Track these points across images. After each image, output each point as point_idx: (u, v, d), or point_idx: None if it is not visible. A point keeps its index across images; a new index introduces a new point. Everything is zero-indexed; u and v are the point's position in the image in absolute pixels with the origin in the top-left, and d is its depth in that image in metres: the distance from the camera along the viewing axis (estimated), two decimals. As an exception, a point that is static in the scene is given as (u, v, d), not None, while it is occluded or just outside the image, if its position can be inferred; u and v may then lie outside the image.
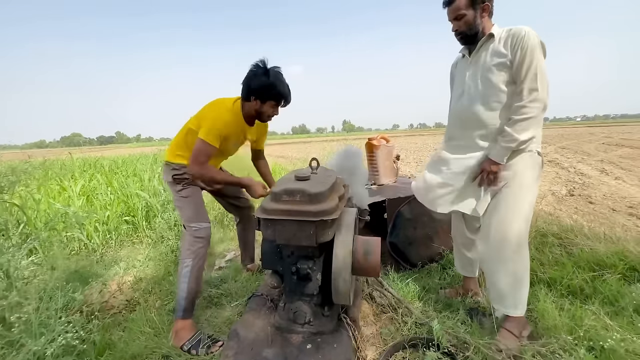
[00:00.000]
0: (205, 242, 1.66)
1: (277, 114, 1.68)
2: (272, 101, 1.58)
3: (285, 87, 1.57)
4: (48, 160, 6.08)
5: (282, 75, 1.57)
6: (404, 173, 7.25)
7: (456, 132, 1.60)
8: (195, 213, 1.67)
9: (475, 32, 1.45)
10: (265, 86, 1.52)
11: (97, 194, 3.79)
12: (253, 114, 1.63)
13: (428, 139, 29.62)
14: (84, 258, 2.71)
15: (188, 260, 1.60)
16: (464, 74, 1.55)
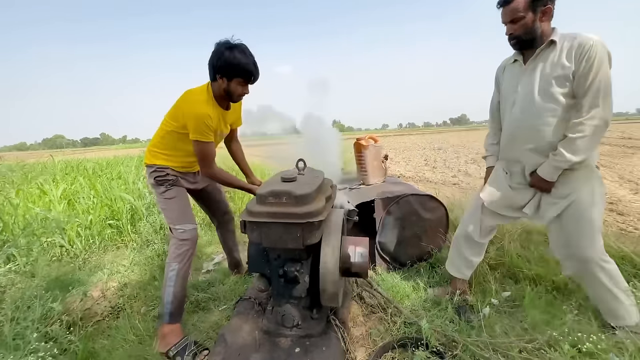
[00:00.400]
0: (191, 244, 1.62)
1: (248, 93, 1.60)
2: (239, 78, 1.50)
3: (251, 63, 1.49)
4: (27, 163, 5.87)
5: (247, 50, 1.49)
6: (393, 172, 7.30)
7: (507, 144, 1.54)
8: (181, 215, 1.63)
9: (533, 38, 1.34)
10: (229, 63, 1.45)
11: (79, 197, 3.67)
12: (223, 94, 1.56)
13: (417, 138, 29.99)
14: (66, 264, 2.62)
15: (174, 264, 1.56)
16: (515, 82, 1.45)
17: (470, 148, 13.91)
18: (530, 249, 2.11)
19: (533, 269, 1.92)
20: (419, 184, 6.00)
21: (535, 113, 1.36)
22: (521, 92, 1.41)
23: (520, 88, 1.42)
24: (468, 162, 8.83)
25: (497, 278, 1.97)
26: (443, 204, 2.22)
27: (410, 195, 2.13)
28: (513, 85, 1.46)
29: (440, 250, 2.24)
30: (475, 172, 7.02)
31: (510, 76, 1.51)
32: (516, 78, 1.45)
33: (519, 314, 1.60)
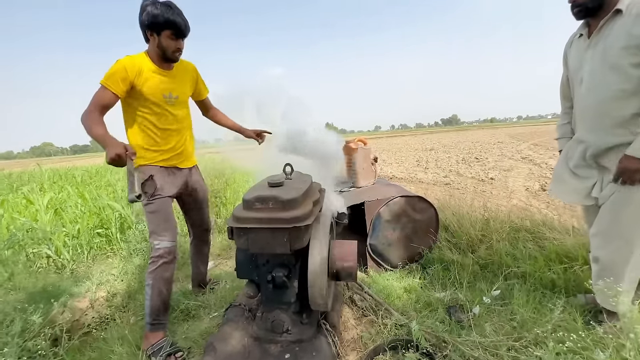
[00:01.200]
0: (165, 260, 1.57)
1: (182, 47, 1.56)
2: (167, 30, 1.46)
3: (177, 15, 1.46)
4: (13, 172, 5.75)
5: (173, 4, 1.47)
6: (385, 174, 7.34)
7: (576, 124, 1.45)
8: (160, 229, 1.58)
9: (599, 4, 1.24)
10: (154, 16, 1.43)
11: (66, 206, 3.60)
12: (158, 52, 1.51)
13: (409, 139, 30.26)
14: (52, 275, 2.56)
15: (149, 279, 1.56)
16: (581, 57, 1.35)
17: (461, 148, 14.10)
18: (518, 247, 2.14)
19: (522, 267, 1.95)
20: (411, 184, 6.04)
21: (602, 89, 1.26)
22: (587, 68, 1.32)
23: (585, 63, 1.32)
24: (459, 162, 8.94)
25: (487, 277, 1.99)
26: (432, 205, 2.24)
27: (400, 196, 2.14)
28: (579, 60, 1.37)
29: (431, 251, 2.26)
30: (466, 171, 7.11)
31: (576, 52, 1.40)
32: (581, 53, 1.35)
33: (508, 312, 1.61)
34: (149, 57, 1.53)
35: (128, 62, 1.44)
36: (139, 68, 1.46)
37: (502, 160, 8.67)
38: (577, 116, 1.45)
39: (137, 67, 1.46)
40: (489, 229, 2.36)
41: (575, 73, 1.42)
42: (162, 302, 1.58)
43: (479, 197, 4.33)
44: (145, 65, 1.49)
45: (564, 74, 1.57)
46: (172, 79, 1.61)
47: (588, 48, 1.33)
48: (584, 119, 1.39)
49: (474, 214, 2.62)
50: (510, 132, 28.09)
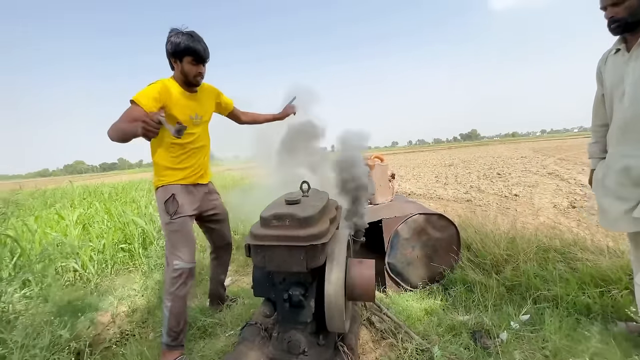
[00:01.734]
0: (183, 281, 1.60)
1: (203, 72, 1.66)
2: (189, 57, 1.57)
3: (197, 42, 1.58)
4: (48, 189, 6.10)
5: (195, 33, 1.60)
6: (403, 190, 7.23)
7: (615, 139, 1.40)
8: (178, 248, 1.61)
9: (638, 20, 1.25)
10: (176, 44, 1.55)
11: (93, 222, 3.76)
12: (182, 77, 1.62)
13: (427, 155, 29.83)
14: (78, 289, 2.66)
15: (167, 301, 1.59)
16: (621, 72, 1.34)
17: (482, 163, 13.72)
18: (547, 268, 2.01)
19: (553, 290, 1.83)
20: (430, 201, 5.90)
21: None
22: (629, 81, 1.30)
23: (627, 77, 1.30)
24: (480, 178, 8.68)
25: (515, 300, 1.88)
26: (453, 223, 2.17)
27: (419, 214, 2.09)
28: (618, 75, 1.35)
29: (453, 271, 2.17)
30: (488, 187, 6.88)
31: (613, 67, 1.39)
32: (621, 67, 1.34)
33: (539, 338, 1.50)
34: (175, 81, 1.64)
35: (160, 85, 1.54)
36: (169, 91, 1.56)
37: (526, 176, 8.34)
38: (617, 131, 1.39)
39: (168, 90, 1.56)
40: (515, 248, 2.24)
41: (614, 88, 1.38)
42: (180, 322, 1.60)
43: (502, 215, 4.16)
44: (174, 89, 1.60)
45: (598, 91, 1.52)
46: (197, 101, 1.71)
47: (629, 61, 1.30)
48: (626, 132, 1.33)
49: (498, 232, 2.52)
50: (534, 147, 27.14)
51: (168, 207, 1.61)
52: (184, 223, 1.65)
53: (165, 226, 1.64)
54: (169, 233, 1.63)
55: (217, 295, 2.12)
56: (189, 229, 1.68)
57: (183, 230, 1.64)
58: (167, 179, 1.64)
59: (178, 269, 1.59)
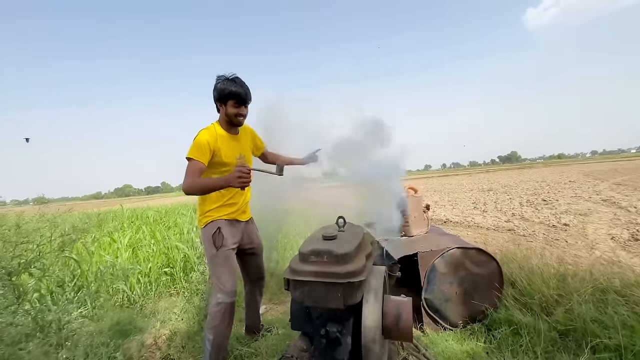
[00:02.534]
0: (223, 316, 1.69)
1: (245, 113, 1.78)
2: (231, 100, 1.70)
3: (239, 86, 1.70)
4: (101, 212, 6.70)
5: (237, 79, 1.73)
6: (437, 217, 6.97)
7: None
8: (222, 282, 1.71)
9: None
10: (221, 90, 1.69)
11: (141, 245, 4.06)
12: (226, 119, 1.75)
13: (463, 179, 28.59)
14: (126, 309, 2.84)
15: (209, 335, 1.69)
16: None
17: (525, 188, 12.87)
18: (607, 312, 1.82)
19: (615, 338, 1.65)
20: (468, 230, 5.62)
21: None
22: None
23: None
24: (523, 205, 8.13)
25: (569, 347, 1.72)
26: (494, 258, 2.07)
27: (457, 247, 2.03)
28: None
29: (497, 310, 2.04)
30: (532, 215, 6.42)
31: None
32: None
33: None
34: (220, 125, 1.79)
35: (206, 135, 1.68)
36: (214, 137, 1.69)
37: (576, 203, 7.67)
38: None
39: (214, 137, 1.69)
40: (567, 287, 2.07)
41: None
42: (220, 354, 1.68)
43: (550, 247, 3.85)
44: (218, 134, 1.73)
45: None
46: (239, 142, 1.85)
47: None
48: None
49: (546, 268, 2.34)
50: (584, 170, 24.98)
51: (214, 240, 1.72)
52: (228, 255, 1.76)
53: (211, 259, 1.74)
54: (214, 266, 1.73)
55: (253, 326, 2.18)
56: (233, 262, 1.79)
57: (227, 263, 1.74)
58: (215, 214, 1.76)
59: (220, 302, 1.69)
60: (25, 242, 1.77)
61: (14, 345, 1.41)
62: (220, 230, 1.74)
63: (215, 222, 1.76)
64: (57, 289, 2.58)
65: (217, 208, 1.77)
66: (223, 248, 1.73)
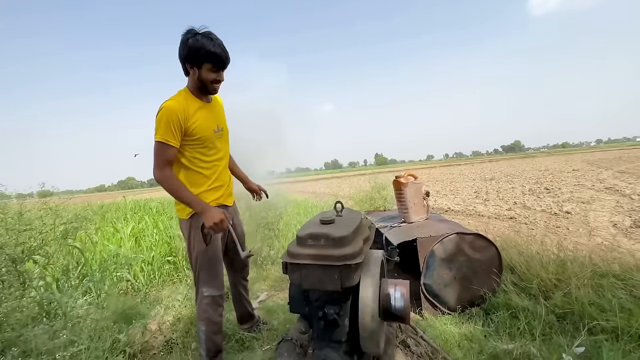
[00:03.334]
0: (215, 307, 1.59)
1: (222, 79, 1.51)
2: (208, 64, 1.42)
3: (217, 46, 1.41)
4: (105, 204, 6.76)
5: (213, 35, 1.42)
6: (438, 207, 6.98)
7: None
8: (210, 276, 1.57)
9: None
10: (194, 48, 1.38)
11: (144, 235, 4.10)
12: (198, 84, 1.47)
13: (465, 168, 28.48)
14: (130, 297, 2.90)
15: (202, 326, 1.59)
16: None
17: (527, 177, 12.81)
18: (605, 295, 1.83)
19: (612, 321, 1.66)
20: (469, 218, 5.63)
21: None
22: None
23: None
24: (525, 193, 8.11)
25: (567, 329, 1.73)
26: (493, 243, 2.08)
27: (455, 233, 2.04)
28: None
29: (495, 294, 2.06)
30: (534, 204, 6.41)
31: None
32: None
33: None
34: (190, 92, 1.50)
35: (175, 107, 1.38)
36: (184, 109, 1.41)
37: (579, 191, 7.64)
38: None
39: (183, 109, 1.41)
40: (566, 272, 2.08)
41: None
42: (217, 343, 1.63)
43: (551, 234, 3.85)
44: (190, 105, 1.45)
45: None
46: (214, 112, 1.58)
47: None
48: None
49: (546, 254, 2.34)
50: (588, 158, 24.79)
51: (204, 234, 1.52)
52: (216, 249, 1.59)
53: (199, 255, 1.55)
54: (202, 261, 1.55)
55: (245, 316, 2.07)
56: (220, 256, 1.64)
57: (217, 256, 1.60)
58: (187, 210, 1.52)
59: (208, 296, 1.57)
60: (28, 229, 1.78)
61: (21, 328, 1.44)
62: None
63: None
64: (61, 277, 2.62)
65: (203, 194, 1.54)
66: (213, 242, 1.57)
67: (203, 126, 1.48)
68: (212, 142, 1.55)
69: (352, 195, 7.20)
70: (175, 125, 1.38)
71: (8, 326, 1.41)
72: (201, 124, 1.47)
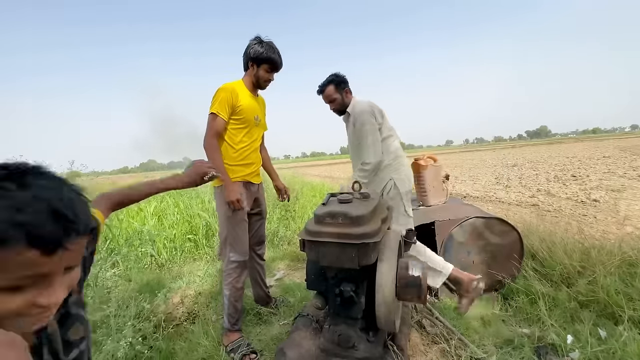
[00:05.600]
0: (240, 271, 1.75)
1: (272, 80, 1.84)
2: (266, 65, 1.75)
3: (276, 53, 1.76)
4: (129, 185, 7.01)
5: (273, 44, 1.77)
6: (457, 192, 6.82)
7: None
8: (236, 241, 1.74)
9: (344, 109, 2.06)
10: (259, 52, 1.72)
11: (166, 214, 4.26)
12: (253, 80, 1.79)
13: (486, 154, 27.52)
14: (154, 271, 3.05)
15: (226, 290, 1.75)
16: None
17: (553, 164, 12.25)
18: (634, 284, 1.76)
19: (639, 310, 1.60)
20: (488, 204, 5.48)
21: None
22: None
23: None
24: (550, 180, 7.77)
25: (589, 317, 1.69)
26: (515, 228, 2.02)
27: (475, 217, 1.99)
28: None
29: (515, 280, 2.01)
30: (559, 191, 6.14)
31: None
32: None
33: (620, 363, 1.33)
34: (244, 84, 1.81)
35: (230, 89, 1.70)
36: (237, 92, 1.71)
37: (609, 179, 7.24)
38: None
39: (236, 93, 1.71)
40: (591, 260, 2.00)
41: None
42: (237, 308, 1.76)
43: (577, 222, 3.70)
44: (241, 91, 1.75)
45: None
46: (258, 105, 1.87)
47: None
48: None
49: (570, 241, 2.26)
50: (621, 145, 23.30)
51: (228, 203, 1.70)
52: (243, 217, 1.77)
53: (227, 219, 1.74)
54: (229, 226, 1.74)
55: (264, 296, 2.17)
56: (247, 224, 1.81)
57: (242, 224, 1.77)
58: (232, 174, 1.75)
59: (234, 261, 1.74)
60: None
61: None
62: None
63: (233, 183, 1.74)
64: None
65: (234, 167, 1.76)
66: (240, 210, 1.74)
67: (247, 110, 1.75)
68: (251, 126, 1.81)
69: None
70: (227, 102, 1.67)
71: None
72: (246, 108, 1.74)
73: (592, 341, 1.45)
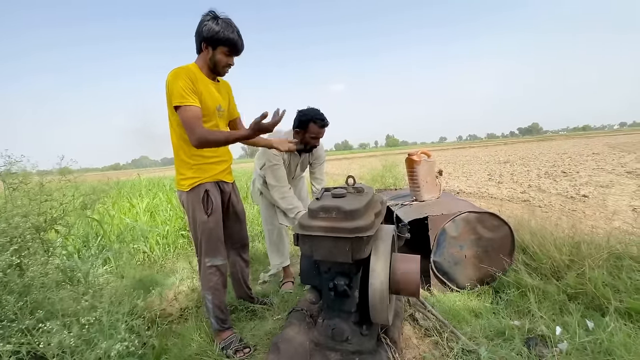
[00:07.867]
0: (218, 275, 1.63)
1: (232, 64, 1.57)
2: (223, 47, 1.48)
3: (235, 33, 1.48)
4: (120, 181, 6.93)
5: (231, 21, 1.49)
6: (450, 188, 6.88)
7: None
8: (211, 247, 1.61)
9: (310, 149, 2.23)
10: (215, 32, 1.44)
11: (159, 210, 4.22)
12: (209, 64, 1.53)
13: (479, 151, 27.80)
14: (147, 268, 3.02)
15: (208, 295, 1.64)
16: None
17: (544, 160, 12.43)
18: (620, 277, 1.80)
19: (625, 302, 1.64)
20: (481, 200, 5.55)
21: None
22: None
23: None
24: (541, 177, 7.89)
25: (578, 309, 1.72)
26: (507, 222, 2.04)
27: (468, 212, 2.01)
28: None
29: (506, 274, 2.04)
30: (550, 187, 6.24)
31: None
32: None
33: (606, 354, 1.37)
34: (199, 69, 1.53)
35: (187, 73, 1.44)
36: (194, 79, 1.46)
37: (598, 175, 7.38)
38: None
39: (194, 78, 1.46)
40: (580, 253, 2.04)
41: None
42: (223, 309, 1.68)
43: (567, 217, 3.77)
44: (199, 76, 1.49)
45: None
46: (219, 93, 1.62)
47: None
48: None
49: (560, 236, 2.30)
50: (610, 142, 23.72)
51: (205, 205, 1.56)
52: (218, 221, 1.62)
53: (200, 226, 1.57)
54: (203, 232, 1.58)
55: (244, 298, 2.08)
56: (221, 227, 1.67)
57: (217, 228, 1.62)
58: (201, 175, 1.57)
59: (211, 266, 1.62)
60: (50, 199, 1.84)
61: (47, 291, 1.53)
62: (209, 194, 1.57)
63: (203, 184, 1.57)
64: (82, 247, 2.75)
65: (202, 166, 1.57)
66: (214, 213, 1.59)
67: (207, 100, 1.52)
68: (214, 118, 1.58)
69: (362, 175, 7.17)
70: (190, 87, 1.42)
71: (34, 288, 1.49)
72: (205, 98, 1.51)
73: (580, 332, 1.48)
